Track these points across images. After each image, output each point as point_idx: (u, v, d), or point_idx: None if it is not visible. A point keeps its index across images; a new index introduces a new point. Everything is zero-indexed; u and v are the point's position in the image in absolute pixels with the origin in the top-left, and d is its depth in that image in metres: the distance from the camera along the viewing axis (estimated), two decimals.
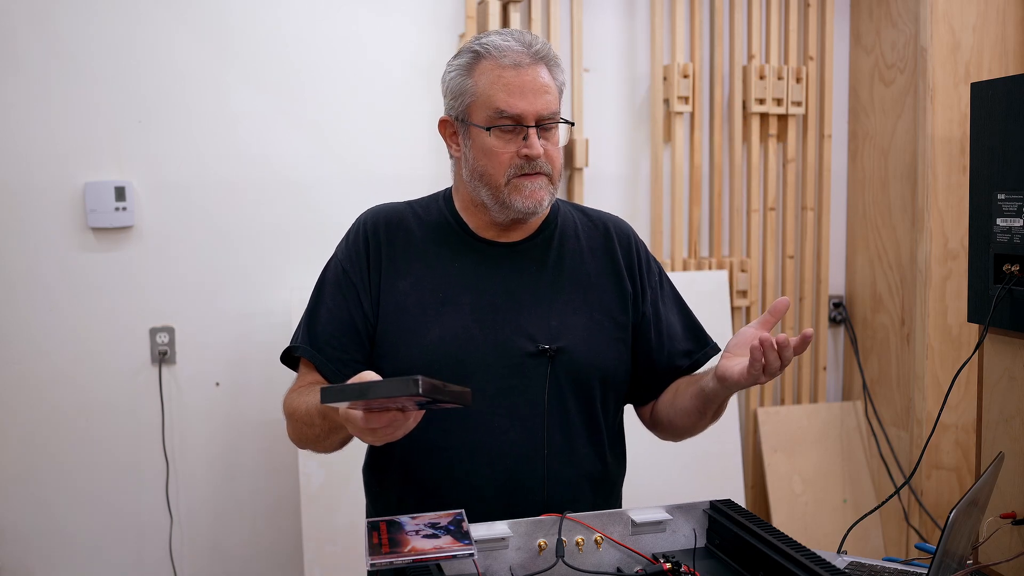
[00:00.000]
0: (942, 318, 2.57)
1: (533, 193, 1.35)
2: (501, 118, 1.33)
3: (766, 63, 2.79)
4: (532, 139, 1.34)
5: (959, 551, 1.13)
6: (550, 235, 1.46)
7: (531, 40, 1.36)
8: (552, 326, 1.39)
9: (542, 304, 1.41)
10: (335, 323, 1.41)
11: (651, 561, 1.21)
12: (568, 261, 1.45)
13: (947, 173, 2.54)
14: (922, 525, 2.62)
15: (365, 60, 2.50)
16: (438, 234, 1.45)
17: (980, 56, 2.54)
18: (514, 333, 1.38)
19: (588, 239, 1.49)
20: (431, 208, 1.48)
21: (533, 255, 1.44)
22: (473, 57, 1.36)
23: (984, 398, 1.50)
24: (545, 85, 1.35)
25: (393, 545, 1.10)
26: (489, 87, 1.34)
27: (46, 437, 2.34)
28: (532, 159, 1.34)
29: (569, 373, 1.38)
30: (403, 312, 1.39)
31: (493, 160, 1.35)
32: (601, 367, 1.41)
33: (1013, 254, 1.41)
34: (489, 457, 1.36)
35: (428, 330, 1.38)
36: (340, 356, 1.40)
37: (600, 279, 1.46)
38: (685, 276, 2.68)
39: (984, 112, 1.47)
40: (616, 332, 1.44)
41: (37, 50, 2.27)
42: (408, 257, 1.43)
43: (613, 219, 1.55)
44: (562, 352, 1.38)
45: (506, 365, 1.37)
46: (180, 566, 2.44)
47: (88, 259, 2.34)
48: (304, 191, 2.47)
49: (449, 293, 1.40)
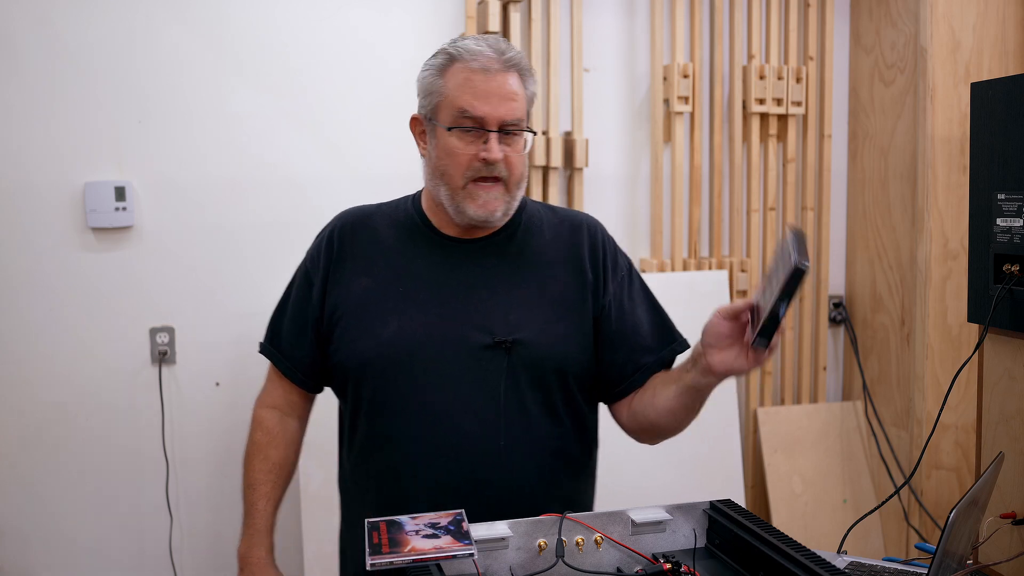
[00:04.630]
0: (942, 318, 2.57)
1: (487, 203, 1.38)
2: (463, 118, 1.36)
3: (766, 63, 2.79)
4: (492, 143, 1.35)
5: (959, 551, 1.13)
6: (514, 230, 1.48)
7: (505, 48, 1.38)
8: (510, 319, 1.40)
9: (500, 297, 1.42)
10: (296, 324, 1.50)
11: (651, 561, 1.21)
12: (530, 255, 1.46)
13: (947, 173, 2.54)
14: (922, 525, 2.62)
15: (365, 60, 2.50)
16: (404, 232, 1.48)
17: (980, 56, 2.54)
18: (472, 326, 1.39)
19: (553, 234, 1.50)
20: (399, 208, 1.53)
21: (495, 250, 1.46)
22: (447, 59, 1.39)
23: (984, 398, 1.50)
24: (512, 92, 1.36)
25: (393, 545, 1.10)
26: (456, 88, 1.37)
27: (46, 437, 2.34)
28: (490, 163, 1.36)
29: (526, 365, 1.39)
30: (363, 308, 1.43)
31: (452, 161, 1.37)
32: (559, 358, 1.42)
33: (1013, 254, 1.41)
34: (448, 450, 1.37)
35: (386, 324, 1.40)
36: (299, 356, 1.50)
37: (561, 272, 1.46)
38: (685, 276, 2.68)
39: (984, 112, 1.47)
40: (577, 325, 1.44)
41: (37, 50, 2.27)
42: (372, 255, 1.47)
43: (582, 216, 1.56)
44: (519, 344, 1.39)
45: (463, 358, 1.38)
46: (180, 565, 2.44)
47: (88, 259, 2.34)
48: (304, 191, 2.47)
49: (410, 288, 1.42)
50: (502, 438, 1.38)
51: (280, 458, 1.54)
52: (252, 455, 1.55)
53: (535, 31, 2.55)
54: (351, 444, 1.49)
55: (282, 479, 1.54)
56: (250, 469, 1.54)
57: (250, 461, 1.54)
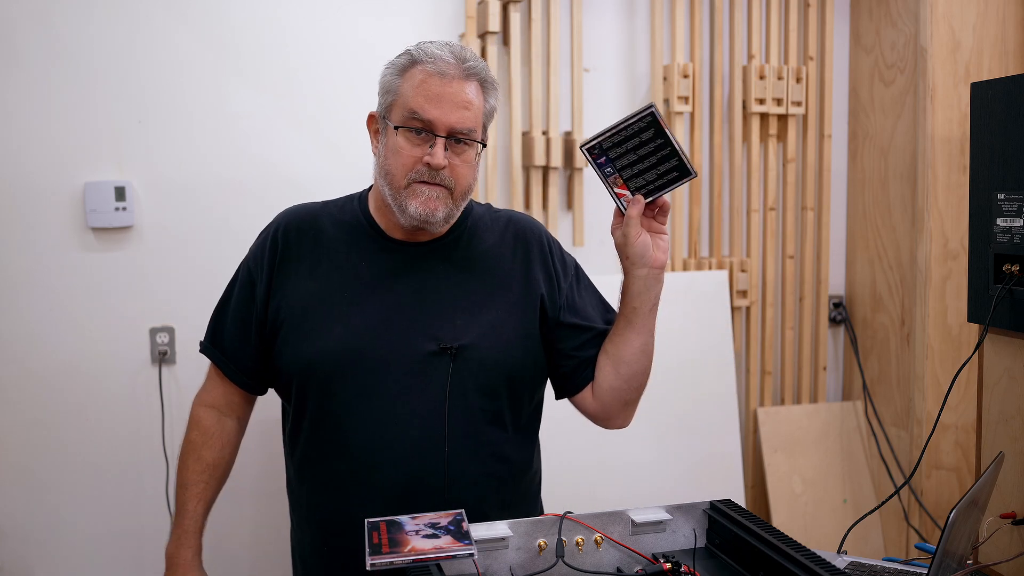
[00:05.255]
0: (942, 318, 2.57)
1: (428, 201, 1.36)
2: (413, 119, 1.35)
3: (766, 63, 2.79)
4: (437, 148, 1.34)
5: (959, 551, 1.13)
6: (459, 235, 1.47)
7: (467, 56, 1.38)
8: (457, 325, 1.40)
9: (448, 303, 1.41)
10: (237, 324, 1.49)
11: (651, 561, 1.21)
12: (477, 260, 1.46)
13: (947, 173, 2.54)
14: (922, 525, 2.62)
15: (365, 60, 2.50)
16: (349, 234, 1.47)
17: (980, 56, 2.54)
18: (418, 332, 1.39)
19: (499, 238, 1.49)
20: (346, 208, 1.52)
21: (442, 255, 1.45)
22: (408, 60, 1.39)
23: (984, 398, 1.50)
24: (467, 101, 1.36)
25: (393, 545, 1.10)
26: (411, 89, 1.36)
27: (46, 437, 2.34)
28: (433, 168, 1.35)
29: (472, 371, 1.39)
30: (308, 311, 1.42)
31: (397, 160, 1.37)
32: (507, 364, 1.42)
33: (1013, 254, 1.41)
34: (391, 456, 1.36)
35: (331, 328, 1.39)
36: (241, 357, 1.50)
37: (509, 278, 1.46)
38: (685, 276, 2.68)
39: (984, 112, 1.47)
40: (523, 330, 1.44)
41: (37, 50, 2.27)
42: (317, 257, 1.46)
43: (524, 218, 1.56)
44: (464, 350, 1.38)
45: (408, 364, 1.37)
46: None
47: (88, 259, 2.34)
48: (304, 191, 2.46)
49: (356, 293, 1.41)
50: (446, 445, 1.37)
51: (214, 459, 1.54)
52: (186, 454, 1.54)
53: (535, 31, 2.55)
54: (293, 448, 1.48)
55: (215, 479, 1.55)
56: (183, 469, 1.53)
57: (184, 460, 1.54)
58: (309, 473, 1.44)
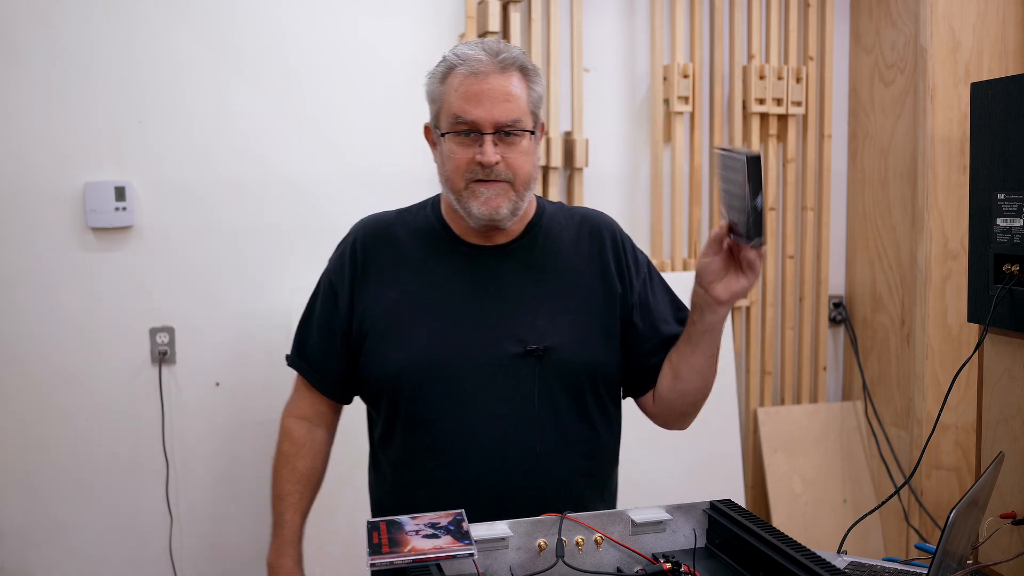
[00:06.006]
0: (942, 318, 2.57)
1: (489, 200, 1.37)
2: (458, 123, 1.36)
3: (766, 63, 2.79)
4: (486, 146, 1.35)
5: (959, 551, 1.13)
6: (535, 236, 1.48)
7: (500, 49, 1.38)
8: (539, 326, 1.41)
9: (528, 305, 1.42)
10: (323, 335, 1.50)
11: (651, 561, 1.21)
12: (553, 261, 1.46)
13: (947, 173, 2.54)
14: (922, 525, 2.62)
15: (365, 60, 2.50)
16: (425, 240, 1.47)
17: (980, 56, 2.54)
18: (502, 335, 1.40)
19: (573, 237, 1.50)
20: (419, 215, 1.52)
21: (519, 257, 1.46)
22: (446, 67, 1.40)
23: (984, 398, 1.50)
24: (508, 93, 1.36)
25: (393, 545, 1.10)
26: (452, 94, 1.37)
27: (46, 437, 2.34)
28: (485, 166, 1.35)
29: (558, 372, 1.40)
30: (391, 319, 1.42)
31: (451, 165, 1.38)
32: (590, 364, 1.43)
33: (1013, 254, 1.40)
34: (484, 459, 1.38)
35: (416, 336, 1.40)
36: (328, 368, 1.50)
37: (585, 276, 1.47)
38: (685, 276, 2.67)
39: (984, 112, 1.46)
40: (603, 328, 1.45)
41: (37, 50, 2.27)
42: (395, 265, 1.46)
43: (597, 215, 1.56)
44: (550, 352, 1.39)
45: (495, 367, 1.39)
46: (180, 566, 2.44)
47: (88, 259, 2.34)
48: (304, 191, 2.47)
49: (436, 298, 1.42)
50: (538, 444, 1.39)
51: (307, 468, 1.54)
52: (280, 466, 1.54)
53: (535, 31, 2.55)
54: (387, 454, 1.48)
55: (310, 489, 1.55)
56: (278, 480, 1.54)
57: (278, 472, 1.54)
58: (407, 478, 1.45)
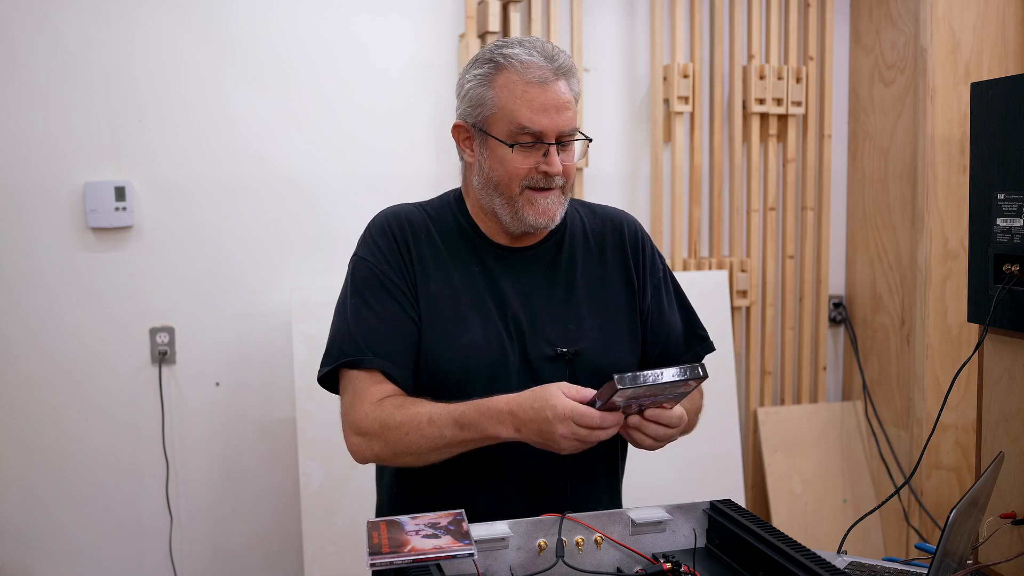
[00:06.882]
0: (942, 318, 2.57)
1: (547, 210, 1.37)
2: (523, 134, 1.33)
3: (766, 63, 2.79)
4: (552, 157, 1.34)
5: (959, 551, 1.13)
6: (561, 238, 1.47)
7: (553, 53, 1.36)
8: (569, 329, 1.41)
9: (557, 308, 1.42)
10: (391, 328, 1.36)
11: (651, 561, 1.21)
12: (580, 263, 1.47)
13: (947, 173, 2.54)
14: (922, 525, 2.62)
15: (365, 60, 2.50)
16: (454, 239, 1.45)
17: (980, 56, 2.54)
18: (534, 337, 1.40)
19: (598, 238, 1.50)
20: (443, 212, 1.47)
21: (546, 259, 1.45)
22: (494, 67, 1.35)
23: (984, 398, 1.50)
24: (567, 101, 1.35)
25: (393, 545, 1.10)
26: (512, 102, 1.33)
27: (46, 437, 2.34)
28: (551, 175, 1.35)
29: (588, 375, 1.39)
30: (436, 315, 1.39)
31: (507, 172, 1.36)
32: (618, 366, 1.42)
33: (1013, 254, 1.40)
34: (514, 461, 1.37)
35: (461, 334, 1.38)
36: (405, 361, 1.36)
37: (611, 278, 1.47)
38: (685, 276, 2.68)
39: (984, 112, 1.46)
40: (630, 330, 1.46)
41: (37, 50, 2.27)
42: (433, 260, 1.42)
43: (620, 214, 1.56)
44: (579, 355, 1.40)
45: (528, 370, 1.39)
46: (180, 566, 2.44)
47: (88, 259, 2.34)
48: (304, 191, 2.47)
49: (474, 297, 1.41)
50: None
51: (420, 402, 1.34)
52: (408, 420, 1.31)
53: (535, 31, 2.55)
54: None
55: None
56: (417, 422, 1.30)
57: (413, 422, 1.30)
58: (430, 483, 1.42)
